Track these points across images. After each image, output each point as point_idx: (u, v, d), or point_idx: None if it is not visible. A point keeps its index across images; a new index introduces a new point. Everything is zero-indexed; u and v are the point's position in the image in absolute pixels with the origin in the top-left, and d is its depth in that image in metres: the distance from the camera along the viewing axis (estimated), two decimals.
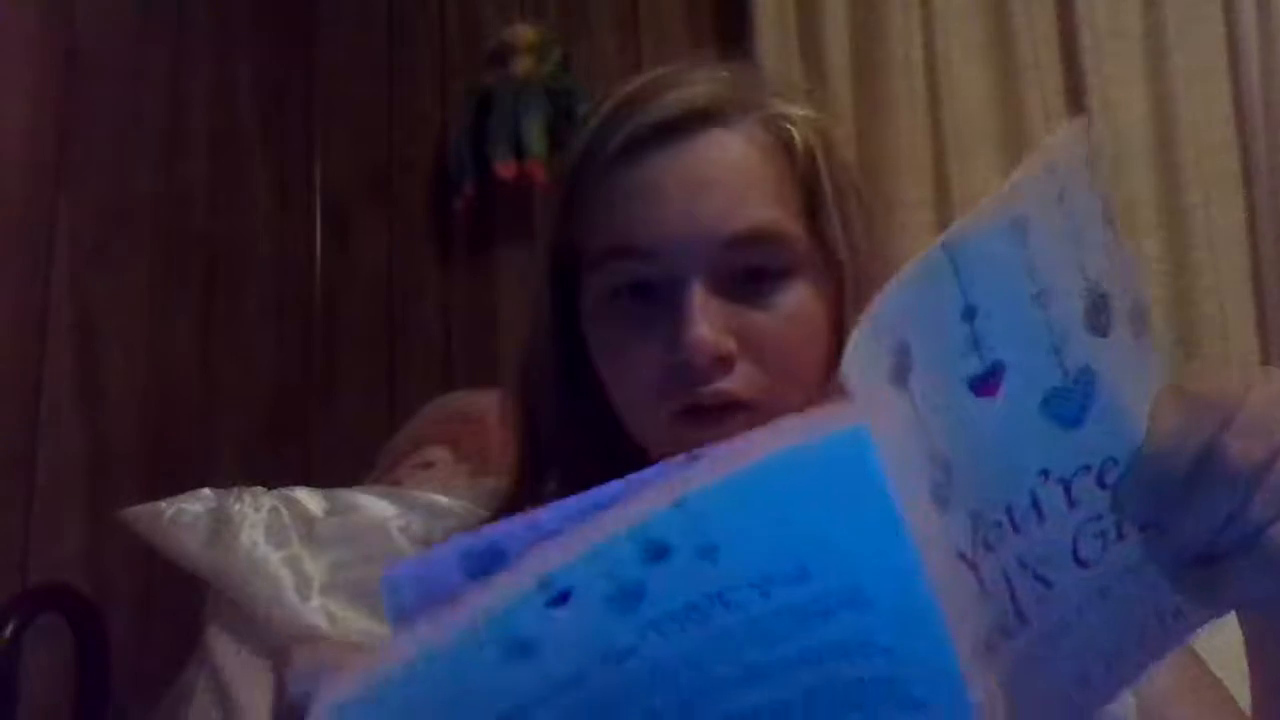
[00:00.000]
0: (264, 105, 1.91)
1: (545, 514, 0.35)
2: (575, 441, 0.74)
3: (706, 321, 0.63)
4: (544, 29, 1.85)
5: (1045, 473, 0.37)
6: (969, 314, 0.34)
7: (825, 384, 0.68)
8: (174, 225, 1.69)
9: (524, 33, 1.84)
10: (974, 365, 0.35)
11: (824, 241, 0.67)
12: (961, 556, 0.34)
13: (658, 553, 0.32)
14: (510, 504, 0.78)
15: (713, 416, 0.64)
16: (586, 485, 0.76)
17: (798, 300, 0.65)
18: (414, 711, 0.34)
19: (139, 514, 1.00)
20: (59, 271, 1.47)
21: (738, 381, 0.64)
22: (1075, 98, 1.60)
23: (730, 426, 0.65)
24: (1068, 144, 0.37)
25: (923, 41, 1.65)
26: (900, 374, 0.33)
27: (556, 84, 1.81)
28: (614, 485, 0.35)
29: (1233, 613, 0.45)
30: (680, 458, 0.34)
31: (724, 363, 0.64)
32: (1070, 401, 0.37)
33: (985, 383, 0.35)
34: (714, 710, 0.35)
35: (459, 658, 0.33)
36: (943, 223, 1.60)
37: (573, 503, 0.35)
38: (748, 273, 0.65)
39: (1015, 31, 1.62)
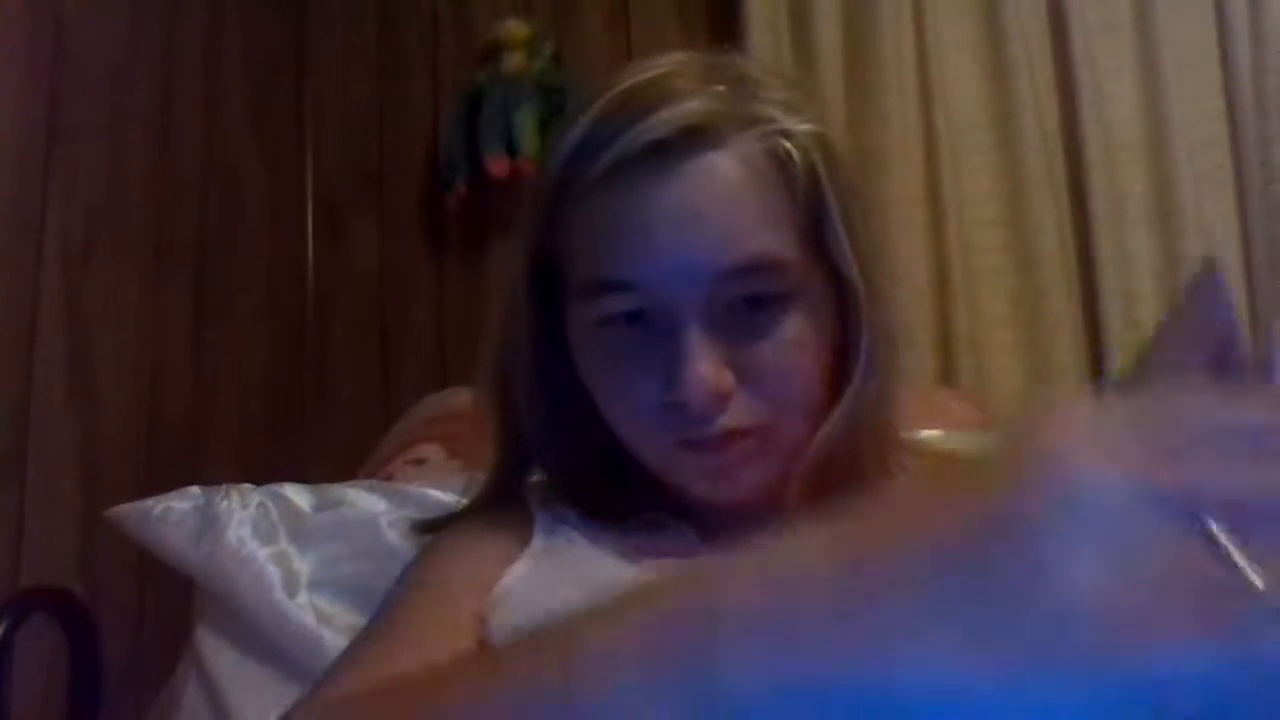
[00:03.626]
0: (255, 102, 1.91)
1: None
2: (557, 440, 0.73)
3: (704, 360, 0.61)
4: (535, 24, 1.85)
5: None
6: None
7: (824, 404, 0.67)
8: (165, 223, 1.69)
9: (515, 28, 1.83)
10: None
11: (827, 259, 0.65)
12: None
13: None
14: (491, 496, 0.78)
15: (714, 445, 0.64)
16: (571, 479, 0.76)
17: (795, 327, 0.64)
18: None
19: (127, 512, 0.99)
20: (49, 269, 1.47)
21: (737, 415, 0.63)
22: (1066, 92, 1.60)
23: (732, 452, 0.64)
24: None
25: (914, 35, 1.65)
26: None
27: (548, 80, 1.80)
28: None
29: None
30: None
31: (723, 399, 0.62)
32: None
33: None
34: None
35: None
36: (934, 220, 1.60)
37: None
38: (744, 303, 0.63)
39: (1006, 26, 1.62)
